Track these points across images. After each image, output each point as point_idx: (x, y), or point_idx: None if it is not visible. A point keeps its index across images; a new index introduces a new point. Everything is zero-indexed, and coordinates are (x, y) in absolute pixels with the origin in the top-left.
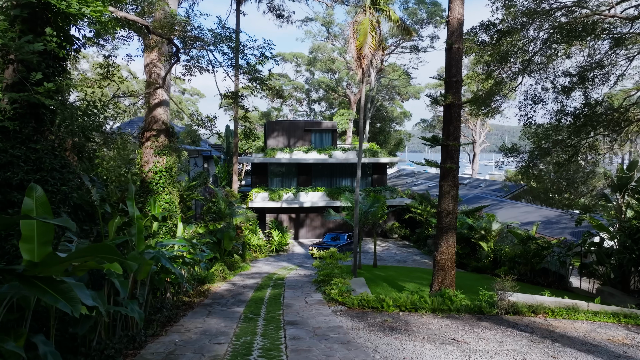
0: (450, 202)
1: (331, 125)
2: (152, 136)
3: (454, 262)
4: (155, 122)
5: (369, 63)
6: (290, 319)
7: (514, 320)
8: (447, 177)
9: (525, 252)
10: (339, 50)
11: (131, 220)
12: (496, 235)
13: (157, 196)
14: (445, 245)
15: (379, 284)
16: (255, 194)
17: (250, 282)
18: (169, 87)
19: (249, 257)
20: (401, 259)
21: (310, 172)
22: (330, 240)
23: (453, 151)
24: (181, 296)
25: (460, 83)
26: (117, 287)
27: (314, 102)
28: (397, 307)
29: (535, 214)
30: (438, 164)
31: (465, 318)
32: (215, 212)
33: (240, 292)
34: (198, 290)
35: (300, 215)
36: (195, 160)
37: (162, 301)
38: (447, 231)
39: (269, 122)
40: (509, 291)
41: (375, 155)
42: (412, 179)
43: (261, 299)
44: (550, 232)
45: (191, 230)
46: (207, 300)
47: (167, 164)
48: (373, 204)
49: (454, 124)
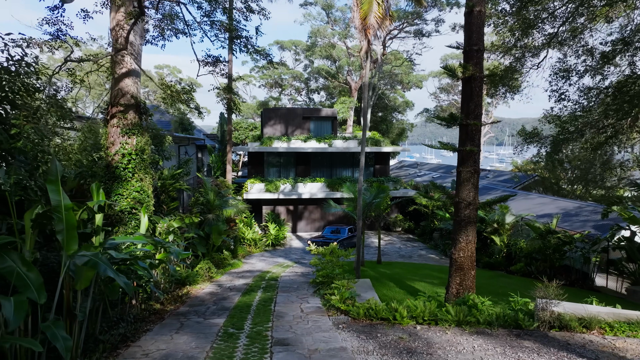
0: (470, 190)
1: (331, 113)
2: (118, 112)
3: (474, 260)
4: (122, 95)
5: (374, 34)
6: (281, 335)
7: (563, 338)
8: (467, 162)
9: (545, 247)
10: (339, 35)
11: (56, 211)
12: (510, 229)
13: (125, 183)
14: (464, 242)
15: (385, 284)
16: (250, 185)
17: (240, 282)
18: (140, 54)
19: (242, 252)
20: (406, 253)
21: (309, 162)
22: (330, 234)
23: (474, 131)
24: (152, 303)
25: (482, 52)
26: (6, 314)
27: (313, 92)
28: (413, 318)
29: (551, 205)
30: (455, 147)
31: (501, 335)
32: (204, 204)
33: (225, 296)
34: (175, 294)
35: (298, 208)
36: (186, 149)
37: (121, 313)
38: (467, 225)
39: (265, 110)
40: (554, 299)
41: (377, 144)
42: (415, 170)
43: (248, 306)
44: (570, 226)
45: (165, 225)
46: (183, 308)
47: (138, 145)
48: (377, 194)
49: (474, 100)
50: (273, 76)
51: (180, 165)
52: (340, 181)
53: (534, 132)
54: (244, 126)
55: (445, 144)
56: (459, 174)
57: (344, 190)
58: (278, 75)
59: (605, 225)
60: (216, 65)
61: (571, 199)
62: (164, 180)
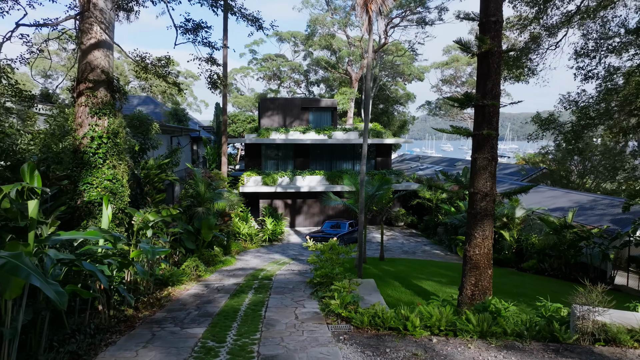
0: (486, 180)
1: (331, 103)
2: (87, 89)
3: (491, 258)
4: (91, 70)
5: (377, 10)
6: (269, 351)
7: (613, 355)
8: (484, 148)
9: (560, 242)
10: (339, 24)
11: None
12: (520, 223)
13: (95, 171)
14: (480, 237)
15: (389, 283)
16: (247, 178)
17: (230, 282)
18: (112, 24)
19: (235, 248)
20: (409, 249)
21: (308, 154)
22: (330, 229)
23: (492, 113)
24: (124, 308)
25: (501, 25)
26: None
27: (312, 84)
28: (428, 328)
29: (563, 198)
30: (469, 131)
31: (535, 350)
32: (193, 196)
33: (210, 298)
34: (153, 297)
35: (296, 201)
36: (179, 140)
37: (79, 323)
38: (483, 218)
39: (262, 100)
40: (599, 307)
41: (379, 135)
42: (417, 164)
43: (235, 311)
44: (585, 220)
45: (140, 218)
46: (160, 313)
47: (110, 127)
48: (380, 185)
49: (492, 77)
50: (271, 68)
51: (169, 155)
52: (340, 174)
53: (551, 119)
54: (242, 119)
55: (458, 128)
56: (474, 161)
57: (345, 182)
58: (277, 67)
59: (625, 220)
60: (197, 33)
61: (584, 192)
62: (148, 170)
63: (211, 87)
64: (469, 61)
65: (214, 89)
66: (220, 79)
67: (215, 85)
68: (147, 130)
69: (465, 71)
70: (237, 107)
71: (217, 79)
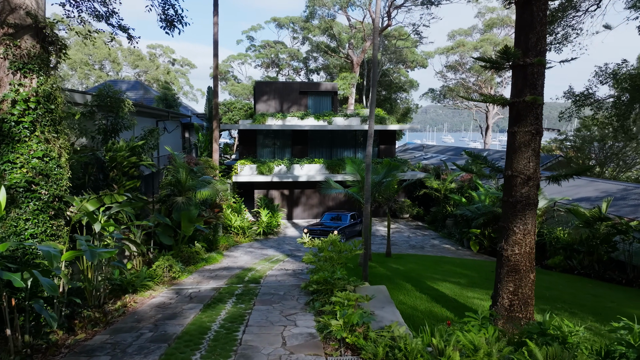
0: (529, 160)
1: (331, 87)
2: (5, 36)
3: (534, 259)
4: (10, 10)
5: None
6: None
7: None
8: (526, 119)
9: (593, 236)
10: (339, 4)
11: None
12: (542, 215)
13: (20, 146)
14: (520, 232)
15: (400, 286)
16: (241, 167)
17: (208, 286)
18: None
19: (225, 242)
20: (417, 243)
21: (307, 141)
22: (330, 221)
23: (536, 74)
24: (49, 329)
25: None
26: None
27: (312, 72)
28: None
29: (588, 188)
30: (505, 99)
31: None
32: (173, 184)
33: (177, 311)
34: (101, 310)
35: (294, 192)
36: (165, 124)
37: None
38: (525, 209)
39: (258, 83)
40: None
41: (382, 122)
42: (421, 153)
43: (202, 333)
44: (617, 211)
45: (77, 208)
46: (99, 336)
47: (40, 89)
48: (388, 171)
49: (536, 29)
50: (270, 55)
51: (143, 137)
52: (341, 162)
53: (587, 94)
54: (238, 106)
55: (490, 96)
56: (512, 136)
57: (347, 169)
58: (275, 54)
59: None
60: None
61: (613, 181)
62: (114, 152)
63: (166, 26)
64: (475, 45)
65: (170, 28)
66: (178, 15)
67: (171, 24)
68: (118, 107)
69: (470, 57)
70: (234, 96)
71: (175, 14)
